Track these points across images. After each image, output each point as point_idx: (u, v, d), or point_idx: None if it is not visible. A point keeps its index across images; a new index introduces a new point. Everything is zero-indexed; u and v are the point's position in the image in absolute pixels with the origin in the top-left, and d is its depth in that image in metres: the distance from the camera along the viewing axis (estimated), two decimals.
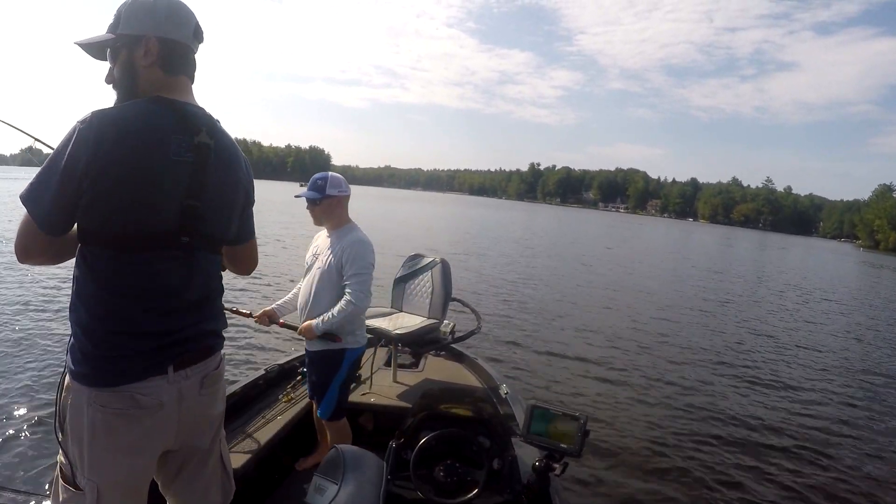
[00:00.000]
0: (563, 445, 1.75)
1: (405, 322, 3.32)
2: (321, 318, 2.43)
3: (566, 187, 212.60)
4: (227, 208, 1.36)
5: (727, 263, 24.56)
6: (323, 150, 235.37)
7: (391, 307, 3.67)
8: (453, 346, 3.79)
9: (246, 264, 1.58)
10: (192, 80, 1.34)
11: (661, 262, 21.44)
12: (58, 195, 1.13)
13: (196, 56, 1.35)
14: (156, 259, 1.22)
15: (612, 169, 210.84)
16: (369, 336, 3.50)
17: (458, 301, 3.81)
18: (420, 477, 1.99)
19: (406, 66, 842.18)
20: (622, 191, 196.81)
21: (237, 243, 1.48)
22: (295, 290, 2.68)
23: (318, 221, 2.57)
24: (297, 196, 2.60)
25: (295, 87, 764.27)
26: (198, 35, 1.33)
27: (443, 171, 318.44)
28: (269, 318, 2.64)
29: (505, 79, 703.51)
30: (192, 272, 1.28)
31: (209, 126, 1.28)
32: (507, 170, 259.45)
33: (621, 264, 18.60)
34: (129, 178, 1.14)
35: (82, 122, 1.13)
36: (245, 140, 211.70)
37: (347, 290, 2.43)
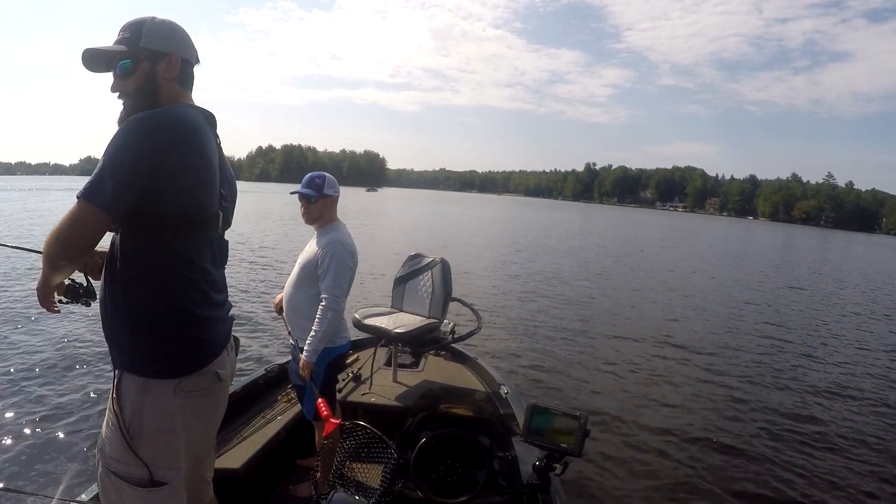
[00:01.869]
0: (563, 445, 1.75)
1: (405, 322, 3.31)
2: (307, 345, 2.40)
3: (623, 187, 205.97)
4: (233, 197, 1.54)
5: (782, 259, 24.31)
6: (378, 155, 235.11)
7: (391, 307, 3.66)
8: (453, 345, 3.79)
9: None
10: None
11: (694, 261, 21.43)
12: (118, 182, 1.21)
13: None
14: (210, 239, 1.40)
15: (669, 167, 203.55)
16: (369, 336, 3.52)
17: (459, 301, 3.81)
18: (420, 477, 2.00)
19: (455, 69, 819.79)
20: (680, 189, 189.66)
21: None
22: None
23: (311, 220, 2.57)
24: (292, 192, 2.61)
25: (346, 93, 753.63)
26: (198, 59, 1.51)
27: (497, 172, 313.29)
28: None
29: (555, 78, 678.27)
30: (220, 252, 1.47)
31: (215, 129, 1.48)
32: (562, 170, 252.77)
33: (640, 267, 18.58)
34: (197, 166, 1.31)
35: (139, 121, 1.25)
36: (300, 146, 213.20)
37: (322, 294, 2.41)
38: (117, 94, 1.36)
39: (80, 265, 1.40)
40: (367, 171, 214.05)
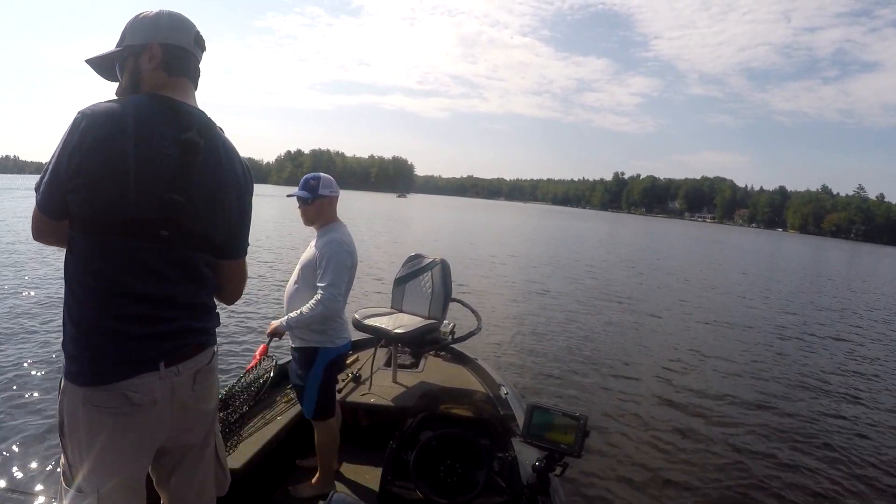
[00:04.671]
0: (563, 445, 1.75)
1: (405, 322, 3.31)
2: (288, 315, 2.44)
3: (651, 197, 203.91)
4: (215, 210, 1.34)
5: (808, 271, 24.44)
6: (406, 161, 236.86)
7: (391, 307, 3.66)
8: (453, 346, 3.79)
9: (231, 286, 1.50)
10: (194, 84, 1.40)
11: (701, 268, 21.45)
12: (50, 180, 1.20)
13: (200, 65, 1.41)
14: (137, 248, 1.23)
15: (698, 177, 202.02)
16: (369, 336, 3.52)
17: (458, 301, 3.81)
18: (420, 477, 2.00)
19: (483, 76, 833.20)
20: (709, 200, 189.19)
21: (224, 256, 1.42)
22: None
23: (309, 221, 2.58)
24: (289, 196, 2.62)
25: (373, 99, 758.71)
26: (199, 43, 1.39)
27: (525, 180, 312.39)
28: (270, 332, 2.55)
29: (583, 86, 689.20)
30: (174, 266, 1.28)
31: (202, 125, 1.31)
32: (591, 179, 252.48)
33: (650, 276, 18.58)
34: (110, 164, 1.18)
35: (78, 113, 1.19)
36: (328, 150, 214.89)
37: (319, 290, 2.41)
38: (119, 96, 1.33)
39: (55, 244, 1.31)
40: (395, 177, 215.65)
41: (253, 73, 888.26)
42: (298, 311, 2.41)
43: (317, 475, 2.61)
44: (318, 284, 2.41)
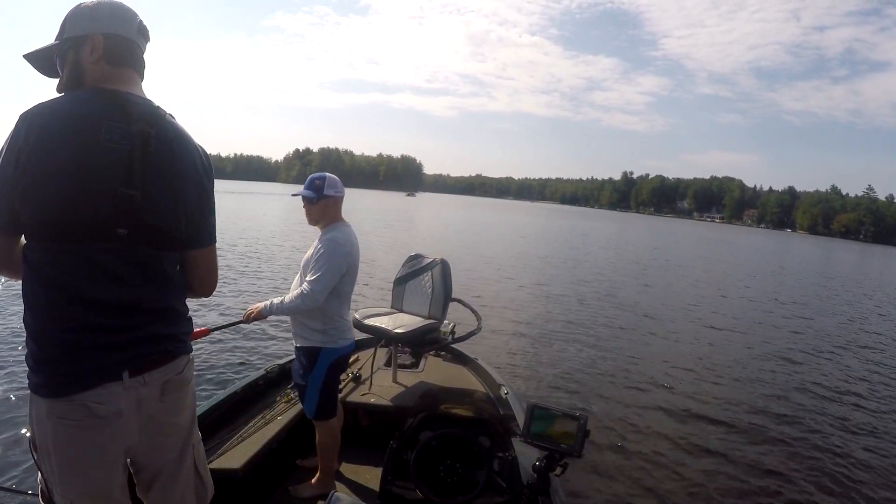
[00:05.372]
0: (563, 445, 1.75)
1: (405, 322, 3.31)
2: (271, 300, 2.47)
3: (660, 196, 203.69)
4: (173, 201, 1.27)
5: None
6: (414, 159, 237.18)
7: (391, 307, 3.66)
8: (453, 346, 3.79)
9: (203, 275, 1.44)
10: (140, 74, 1.34)
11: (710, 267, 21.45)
12: None
13: (145, 55, 1.35)
14: (93, 251, 1.17)
15: (707, 177, 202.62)
16: (369, 336, 3.52)
17: (458, 301, 3.81)
18: (420, 477, 2.00)
19: (491, 75, 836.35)
20: (718, 200, 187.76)
21: (190, 246, 1.36)
22: None
23: (314, 221, 2.58)
24: (294, 195, 2.62)
25: (382, 97, 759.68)
26: (143, 32, 1.33)
27: (534, 179, 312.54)
28: (251, 315, 2.58)
29: (592, 85, 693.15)
30: (135, 267, 1.23)
31: (151, 115, 1.26)
32: (599, 178, 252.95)
33: (651, 274, 18.57)
34: (57, 164, 1.13)
35: (21, 115, 1.15)
36: (337, 149, 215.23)
37: (305, 283, 2.42)
38: (61, 92, 1.27)
39: (9, 273, 1.24)
40: (403, 175, 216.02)
41: (261, 71, 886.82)
42: (281, 299, 2.44)
43: (317, 475, 2.61)
44: (306, 278, 2.42)
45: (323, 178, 2.54)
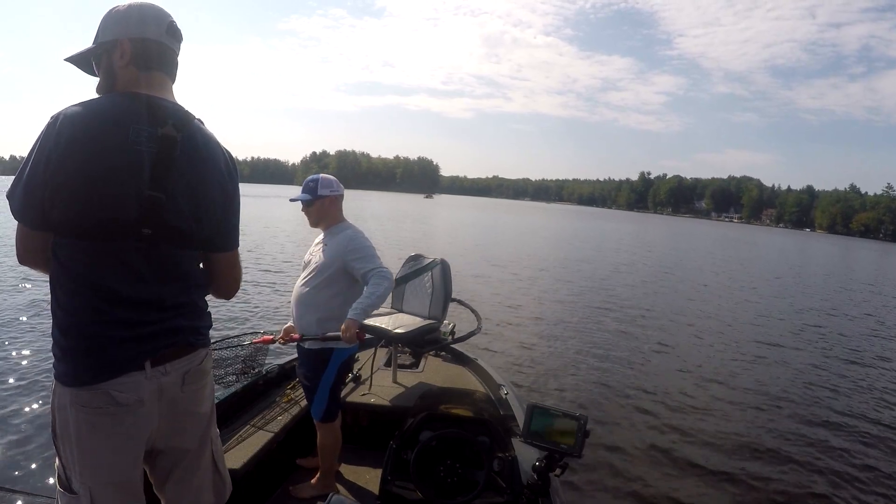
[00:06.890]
0: (563, 446, 1.75)
1: (405, 322, 3.31)
2: (354, 308, 2.32)
3: (678, 197, 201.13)
4: (197, 204, 1.32)
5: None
6: (431, 161, 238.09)
7: (391, 307, 3.66)
8: (453, 346, 3.79)
9: (225, 280, 1.48)
10: (170, 77, 1.36)
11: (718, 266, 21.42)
12: (26, 185, 1.18)
13: (178, 56, 1.38)
14: (119, 249, 1.22)
15: (725, 177, 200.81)
16: (369, 336, 3.52)
17: (458, 301, 3.81)
18: (420, 477, 2.00)
19: (507, 76, 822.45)
20: (736, 200, 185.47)
21: (213, 249, 1.40)
22: None
23: (314, 223, 2.59)
24: (292, 200, 2.62)
25: (398, 100, 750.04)
26: (173, 33, 1.35)
27: (551, 180, 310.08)
28: (288, 335, 2.59)
29: (607, 86, 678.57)
30: (158, 265, 1.27)
31: (178, 119, 1.29)
32: (616, 179, 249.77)
33: (657, 274, 18.55)
34: (85, 166, 1.17)
35: (52, 116, 1.19)
36: (354, 151, 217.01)
37: (371, 274, 2.38)
38: (99, 94, 1.32)
39: (42, 268, 1.28)
40: (420, 177, 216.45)
41: (277, 75, 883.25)
42: (367, 296, 2.34)
43: (317, 475, 2.61)
44: (366, 268, 2.40)
45: (316, 180, 2.55)
